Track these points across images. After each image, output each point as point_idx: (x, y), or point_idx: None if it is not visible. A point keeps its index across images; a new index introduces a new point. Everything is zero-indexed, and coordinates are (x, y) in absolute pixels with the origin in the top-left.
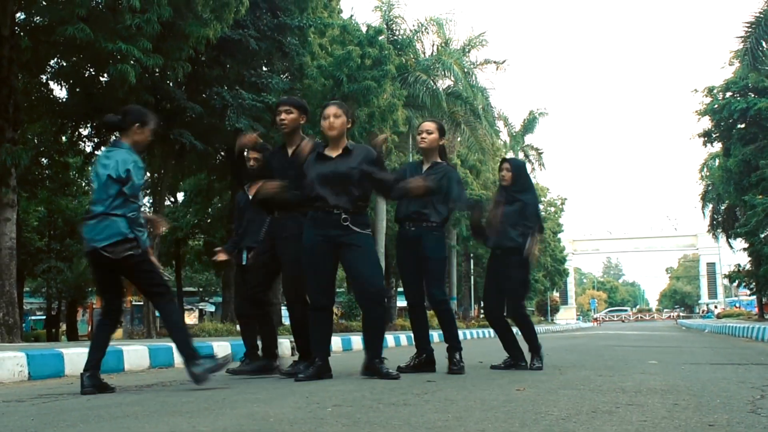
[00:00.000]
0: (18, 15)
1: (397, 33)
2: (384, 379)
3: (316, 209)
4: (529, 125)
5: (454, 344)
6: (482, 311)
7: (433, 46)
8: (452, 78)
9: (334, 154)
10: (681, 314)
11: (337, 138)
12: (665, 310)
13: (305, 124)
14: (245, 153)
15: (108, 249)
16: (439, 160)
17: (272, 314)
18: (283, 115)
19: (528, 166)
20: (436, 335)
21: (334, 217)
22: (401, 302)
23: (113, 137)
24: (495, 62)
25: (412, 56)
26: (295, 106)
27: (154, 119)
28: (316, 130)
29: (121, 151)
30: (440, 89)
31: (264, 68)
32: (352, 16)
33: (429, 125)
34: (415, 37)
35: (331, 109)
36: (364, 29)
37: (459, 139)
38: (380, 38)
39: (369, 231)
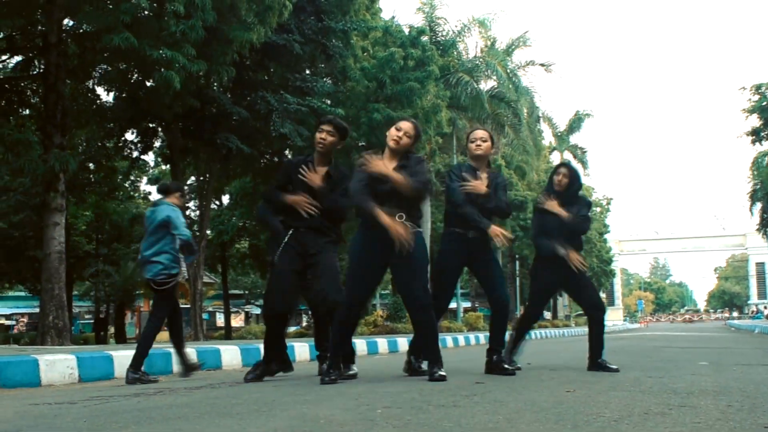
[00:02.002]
0: (65, 22)
1: (440, 34)
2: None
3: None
4: (574, 125)
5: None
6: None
7: (476, 47)
8: (495, 79)
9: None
10: (731, 315)
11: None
12: (714, 311)
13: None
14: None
15: None
16: (489, 169)
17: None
18: (324, 135)
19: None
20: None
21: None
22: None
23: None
24: (541, 64)
25: (455, 57)
26: (338, 129)
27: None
28: (360, 132)
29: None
30: (483, 91)
31: (307, 72)
32: (394, 17)
33: (483, 133)
34: (458, 38)
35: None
36: (406, 31)
37: (504, 140)
38: (423, 39)
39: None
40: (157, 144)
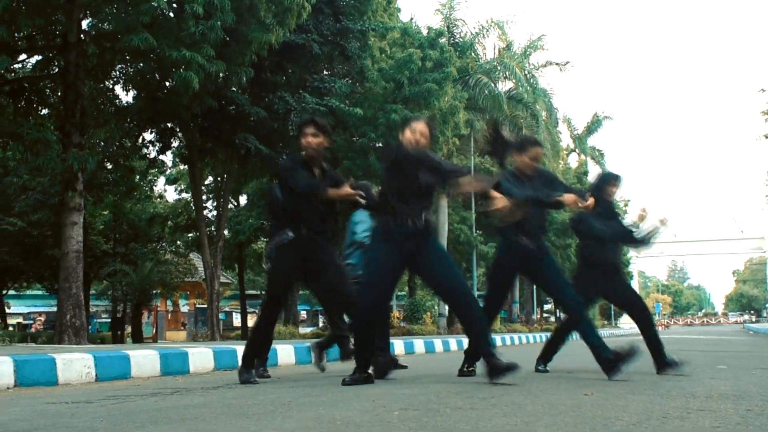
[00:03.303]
0: (84, 22)
1: (458, 35)
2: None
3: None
4: (592, 127)
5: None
6: (546, 314)
7: (494, 48)
8: (514, 80)
9: None
10: (752, 318)
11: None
12: (731, 314)
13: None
14: None
15: None
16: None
17: None
18: (310, 138)
19: (591, 167)
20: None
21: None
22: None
23: None
24: (557, 64)
25: (473, 59)
26: (322, 130)
27: None
28: (378, 133)
29: None
30: (501, 92)
31: (325, 72)
32: (412, 18)
33: (541, 151)
34: (476, 40)
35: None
36: (424, 32)
37: None
38: (441, 40)
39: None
40: (175, 144)
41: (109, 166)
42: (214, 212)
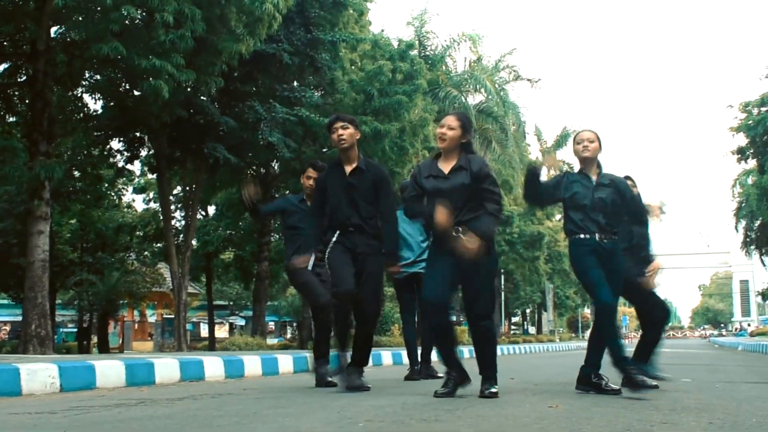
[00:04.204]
0: (53, 30)
1: (429, 48)
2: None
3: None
4: (561, 141)
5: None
6: (514, 327)
7: (465, 61)
8: (484, 93)
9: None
10: (714, 332)
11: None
12: (700, 328)
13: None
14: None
15: None
16: (599, 170)
17: None
18: (341, 131)
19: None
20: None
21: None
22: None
23: None
24: (529, 80)
25: (443, 71)
26: (350, 121)
27: None
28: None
29: None
30: (470, 105)
31: (296, 83)
32: (383, 30)
33: (590, 134)
34: (447, 53)
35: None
36: (395, 44)
37: (490, 156)
38: (412, 53)
39: None
40: (144, 153)
41: (77, 174)
42: (183, 222)
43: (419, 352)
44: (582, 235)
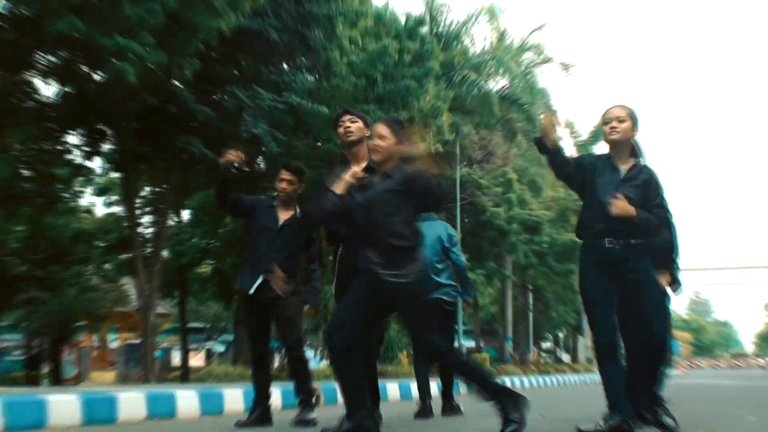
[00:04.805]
0: (1, 3)
1: (442, 24)
2: None
3: None
4: (598, 134)
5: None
6: (544, 353)
7: (485, 40)
8: (508, 77)
9: None
10: None
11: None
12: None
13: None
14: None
15: None
16: (635, 160)
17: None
18: (348, 124)
19: None
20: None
21: None
22: None
23: None
24: (561, 64)
25: (459, 51)
26: (359, 116)
27: None
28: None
29: None
30: (492, 90)
31: (285, 65)
32: (388, 3)
33: (620, 111)
34: (464, 30)
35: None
36: (402, 19)
37: (515, 150)
38: (422, 30)
39: None
40: (106, 148)
41: (26, 173)
42: (151, 229)
43: (432, 384)
44: (587, 241)
